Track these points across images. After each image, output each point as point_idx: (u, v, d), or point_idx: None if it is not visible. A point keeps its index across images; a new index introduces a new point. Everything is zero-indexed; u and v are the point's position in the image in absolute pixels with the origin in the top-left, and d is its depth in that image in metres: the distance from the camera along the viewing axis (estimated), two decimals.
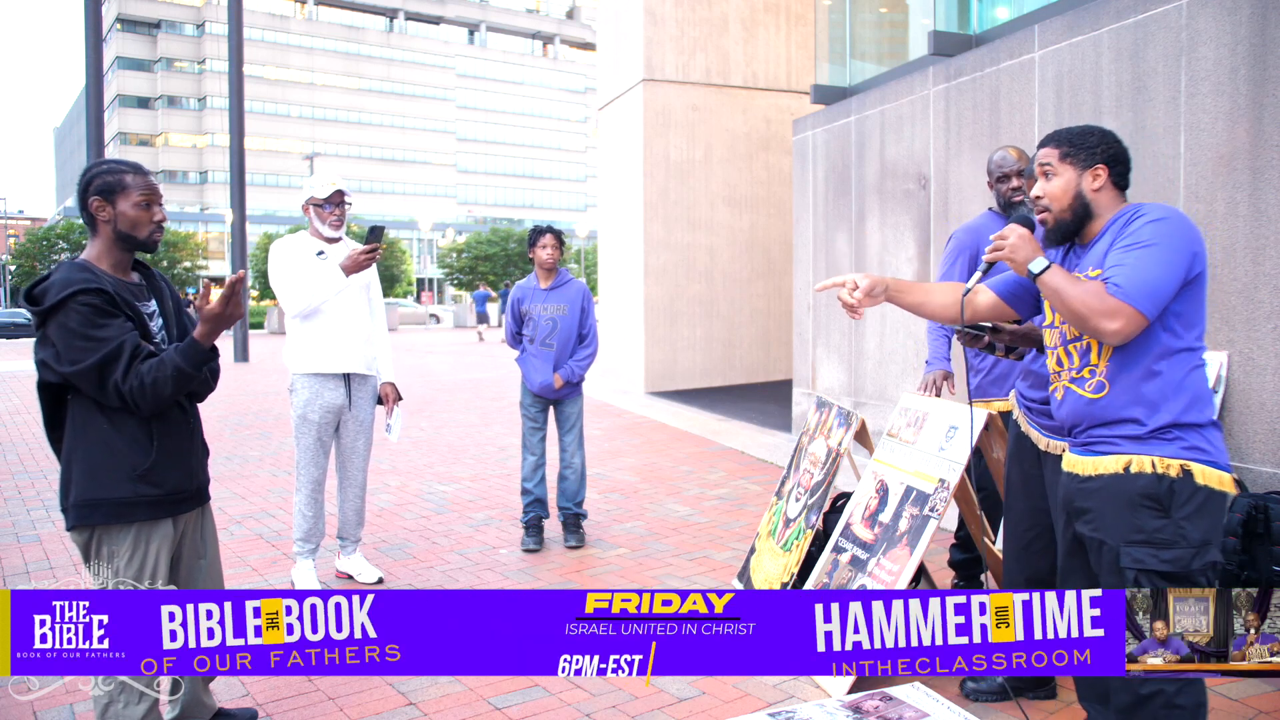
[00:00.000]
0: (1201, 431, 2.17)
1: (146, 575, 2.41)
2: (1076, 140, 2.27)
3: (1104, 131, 2.30)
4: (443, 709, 2.98)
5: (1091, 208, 2.27)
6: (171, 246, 46.13)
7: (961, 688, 2.98)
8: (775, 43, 11.85)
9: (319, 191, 4.04)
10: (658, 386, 11.33)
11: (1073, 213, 2.27)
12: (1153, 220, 2.15)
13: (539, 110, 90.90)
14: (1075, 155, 2.26)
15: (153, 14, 73.24)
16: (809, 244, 7.41)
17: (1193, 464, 2.14)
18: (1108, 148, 2.27)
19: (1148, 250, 2.11)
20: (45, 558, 4.72)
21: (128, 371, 2.32)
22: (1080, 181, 2.26)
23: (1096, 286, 2.13)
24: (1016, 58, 5.11)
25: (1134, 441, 2.18)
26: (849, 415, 3.84)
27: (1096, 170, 2.25)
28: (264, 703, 3.02)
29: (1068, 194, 2.26)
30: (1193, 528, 2.13)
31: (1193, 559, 2.13)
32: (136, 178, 2.45)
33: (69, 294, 2.29)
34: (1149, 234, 2.13)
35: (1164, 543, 2.14)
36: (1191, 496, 2.13)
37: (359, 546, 4.35)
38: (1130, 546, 2.17)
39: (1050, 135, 2.34)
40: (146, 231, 2.46)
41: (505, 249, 52.85)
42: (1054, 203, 2.28)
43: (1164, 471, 2.14)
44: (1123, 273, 2.11)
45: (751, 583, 3.94)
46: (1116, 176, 2.27)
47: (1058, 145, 2.29)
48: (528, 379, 4.85)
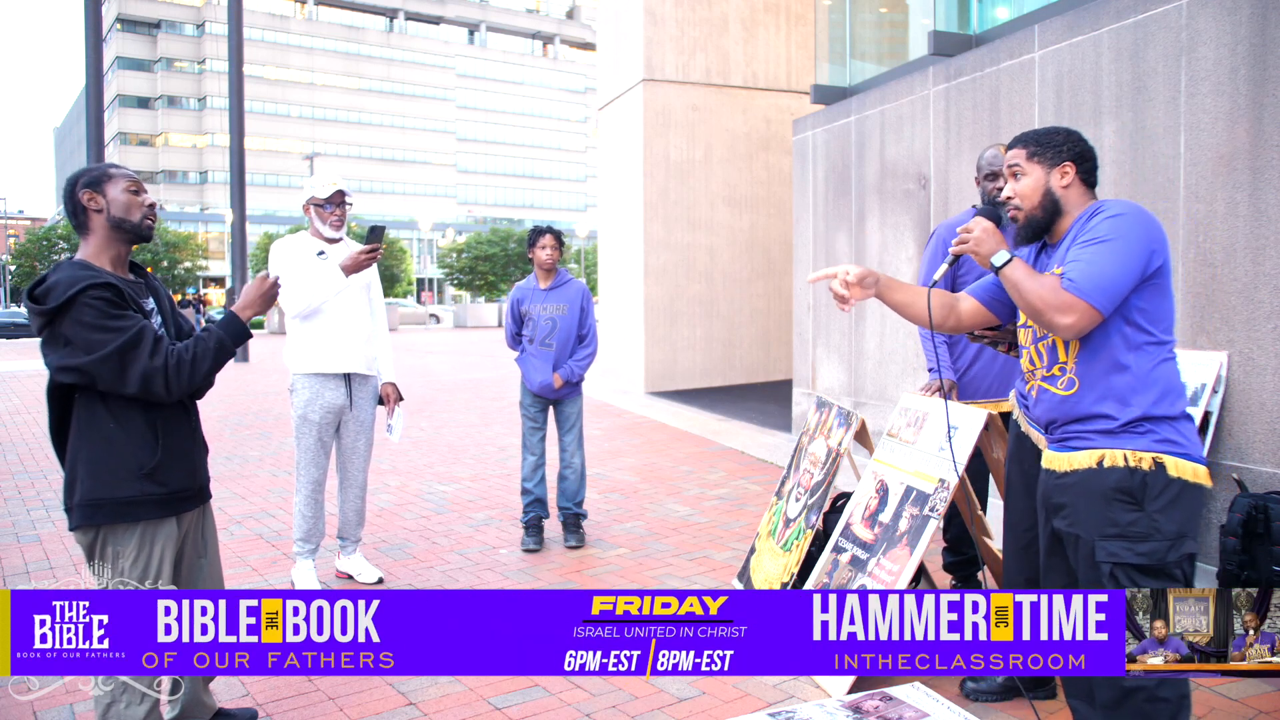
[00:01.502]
0: (1174, 424, 2.18)
1: (150, 575, 2.41)
2: (1043, 140, 2.32)
3: (1069, 131, 2.35)
4: (443, 709, 2.98)
5: (1061, 204, 2.30)
6: (172, 247, 46.15)
7: (961, 688, 2.98)
8: (775, 43, 11.85)
9: (319, 192, 4.04)
10: (658, 386, 11.34)
11: (1043, 209, 2.31)
12: (1110, 216, 2.19)
13: (539, 110, 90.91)
14: (1042, 154, 2.31)
15: (153, 14, 73.23)
16: (809, 244, 7.41)
17: (1165, 456, 2.15)
18: (1074, 146, 2.31)
19: (1103, 245, 2.15)
20: (45, 558, 4.72)
21: (155, 351, 2.33)
22: (1049, 179, 2.30)
23: (1053, 281, 2.17)
24: (1016, 58, 5.11)
25: (1106, 436, 2.20)
26: (849, 415, 3.84)
27: (1064, 168, 2.29)
28: (264, 703, 3.02)
29: (1037, 191, 2.31)
30: (1166, 520, 2.14)
31: (1168, 551, 2.14)
32: (119, 169, 2.48)
33: (78, 290, 2.27)
34: (1106, 229, 2.17)
35: (1138, 536, 2.15)
36: (1165, 489, 2.14)
37: (359, 546, 4.35)
38: (1105, 540, 2.18)
39: (1017, 137, 2.39)
40: (139, 215, 2.45)
41: (505, 249, 52.85)
42: (1024, 201, 2.32)
43: (1136, 465, 2.16)
44: (1078, 268, 2.15)
45: (751, 583, 3.94)
46: (1084, 174, 2.31)
47: (1025, 145, 2.34)
48: (527, 379, 4.85)
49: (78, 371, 2.30)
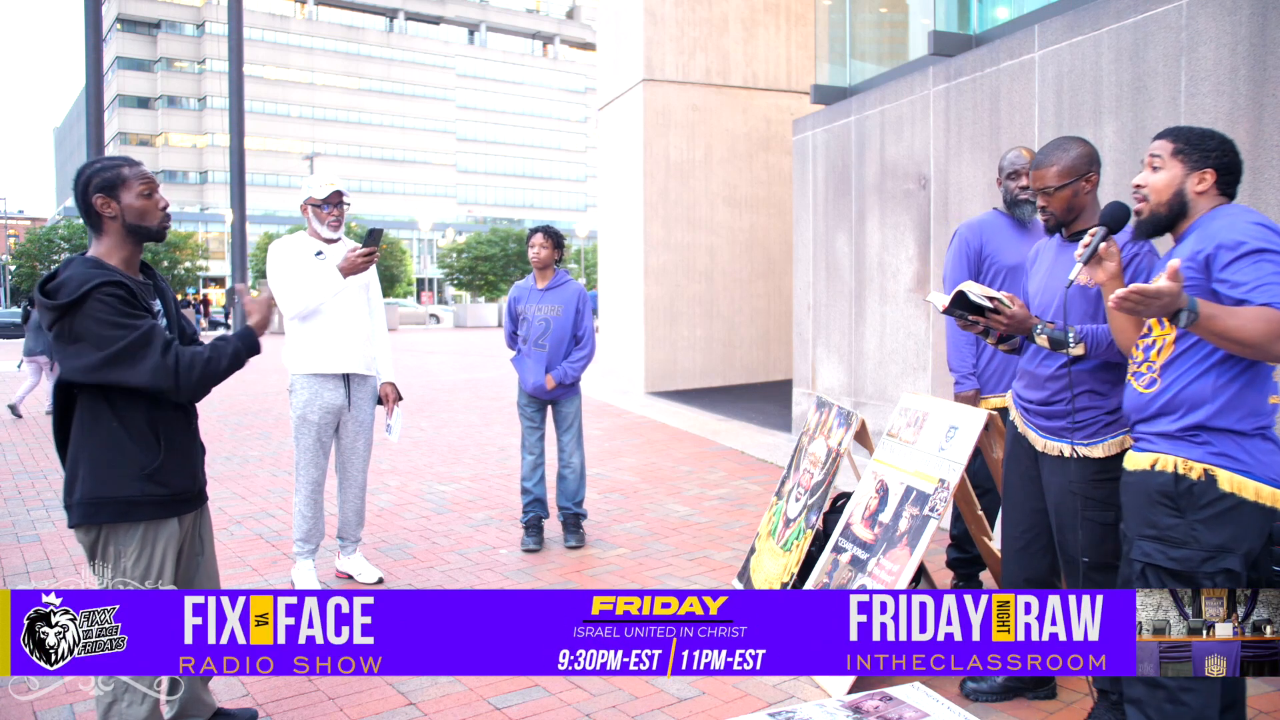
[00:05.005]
0: (1238, 439, 2.13)
1: (152, 575, 2.41)
2: (1193, 140, 2.24)
3: (1225, 139, 2.25)
4: (443, 709, 2.98)
5: (1189, 208, 2.23)
6: (172, 247, 46.12)
7: (962, 688, 2.98)
8: (775, 43, 11.85)
9: (317, 192, 4.04)
10: (658, 386, 11.33)
11: (1170, 209, 2.24)
12: (1257, 223, 2.11)
13: (539, 110, 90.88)
14: (1188, 154, 2.22)
15: (153, 14, 73.21)
16: (809, 244, 7.41)
17: (1219, 470, 2.12)
18: (1223, 155, 2.22)
19: (1273, 256, 2.05)
20: (45, 558, 4.72)
21: (166, 349, 2.33)
22: (1185, 181, 2.22)
23: (1256, 311, 2.00)
24: (1016, 58, 5.11)
25: (1165, 440, 2.20)
26: (849, 415, 3.84)
27: (1204, 174, 2.22)
28: (264, 703, 3.02)
29: (1169, 189, 2.23)
30: (1208, 532, 2.12)
31: (1202, 562, 2.12)
32: (132, 169, 2.44)
33: (92, 286, 2.27)
34: (1259, 237, 2.07)
35: (1174, 541, 2.15)
36: (1213, 501, 2.11)
37: (359, 546, 4.35)
38: (1142, 540, 2.20)
39: (1170, 129, 2.29)
40: (156, 219, 2.45)
41: (505, 249, 52.84)
42: (1154, 195, 2.25)
43: (1185, 473, 2.15)
44: (1273, 289, 2.02)
45: (751, 583, 3.94)
46: (1223, 185, 2.23)
47: (1174, 140, 2.25)
48: (521, 379, 4.85)
49: (89, 371, 2.30)
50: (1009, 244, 3.57)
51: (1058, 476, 2.66)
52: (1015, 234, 3.60)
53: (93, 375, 2.31)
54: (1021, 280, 3.01)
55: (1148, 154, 2.29)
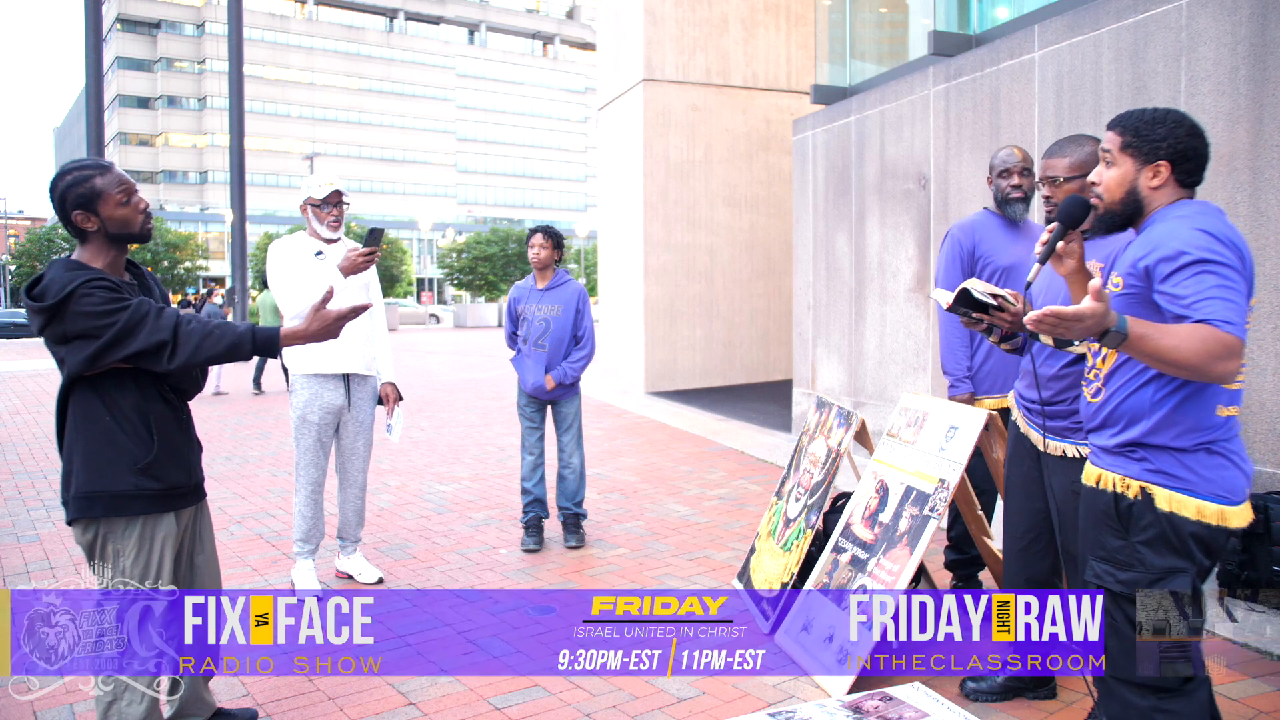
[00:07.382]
0: (1178, 456, 2.00)
1: (151, 574, 2.41)
2: (1142, 130, 2.06)
3: (1176, 122, 2.05)
4: (443, 709, 2.98)
5: (1144, 205, 2.08)
6: (172, 247, 46.12)
7: (962, 688, 2.98)
8: (775, 43, 11.85)
9: (316, 192, 4.04)
10: (658, 386, 11.33)
11: (1124, 206, 2.10)
12: (1202, 229, 1.96)
13: (539, 110, 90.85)
14: (1137, 148, 2.06)
15: (153, 14, 73.17)
16: (809, 244, 7.41)
17: (1156, 488, 2.00)
18: (1175, 142, 2.03)
19: (1214, 269, 1.92)
20: (45, 558, 4.72)
21: (160, 313, 2.33)
22: (1138, 177, 2.07)
23: (1191, 329, 1.86)
24: (1016, 58, 5.11)
25: (1107, 454, 2.12)
26: (849, 415, 3.84)
27: (1157, 167, 2.05)
28: (264, 702, 3.02)
29: (1121, 188, 2.09)
30: (1152, 554, 2.01)
31: (1150, 584, 2.01)
32: (105, 178, 2.40)
33: (76, 285, 2.28)
34: (1203, 245, 1.93)
35: (1121, 564, 2.06)
36: (1153, 522, 2.01)
37: (359, 546, 4.35)
38: (1095, 560, 2.13)
39: (1119, 117, 2.13)
40: (138, 224, 2.45)
41: (505, 249, 52.83)
42: (1106, 193, 2.11)
43: (1123, 491, 2.05)
44: (1215, 305, 1.89)
45: (751, 583, 3.94)
46: (1181, 174, 2.06)
47: (1122, 132, 2.09)
48: (521, 380, 4.85)
49: (93, 358, 2.30)
50: (1002, 244, 3.56)
51: (1060, 477, 2.65)
52: (1007, 233, 3.59)
53: (98, 362, 2.32)
54: (1016, 279, 3.01)
55: (1100, 147, 2.14)
